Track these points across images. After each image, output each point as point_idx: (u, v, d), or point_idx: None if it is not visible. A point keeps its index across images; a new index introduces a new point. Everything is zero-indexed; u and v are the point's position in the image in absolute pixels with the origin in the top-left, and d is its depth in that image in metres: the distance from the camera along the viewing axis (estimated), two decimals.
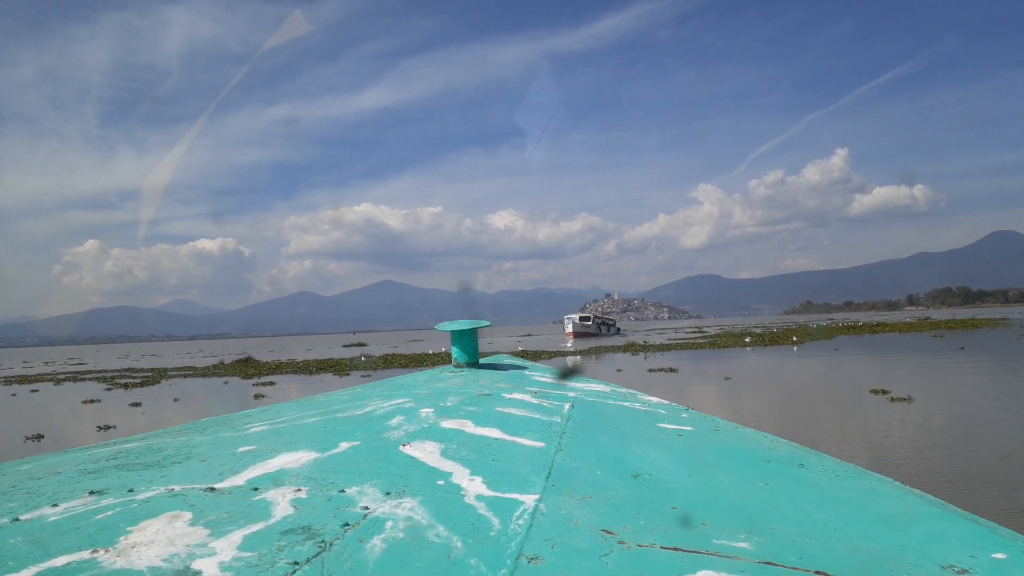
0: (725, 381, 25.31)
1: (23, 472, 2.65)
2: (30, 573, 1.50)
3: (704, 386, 24.64)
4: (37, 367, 65.69)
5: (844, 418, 16.26)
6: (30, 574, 1.49)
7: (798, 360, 36.27)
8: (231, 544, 1.68)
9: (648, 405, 4.67)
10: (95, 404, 26.48)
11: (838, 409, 17.84)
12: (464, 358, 6.20)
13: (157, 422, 19.22)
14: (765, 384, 25.30)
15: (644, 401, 4.90)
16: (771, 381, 26.47)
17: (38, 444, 17.36)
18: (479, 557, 1.67)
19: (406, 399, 4.12)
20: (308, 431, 3.25)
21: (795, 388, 23.64)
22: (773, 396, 21.46)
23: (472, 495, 2.16)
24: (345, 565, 1.58)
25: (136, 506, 1.98)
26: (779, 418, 16.73)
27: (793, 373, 29.84)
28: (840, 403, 18.94)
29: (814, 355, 38.43)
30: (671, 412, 4.41)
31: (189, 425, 3.92)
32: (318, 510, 1.95)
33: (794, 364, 34.31)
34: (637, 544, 1.83)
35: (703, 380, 27.02)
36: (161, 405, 25.35)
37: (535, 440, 3.06)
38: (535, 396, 4.47)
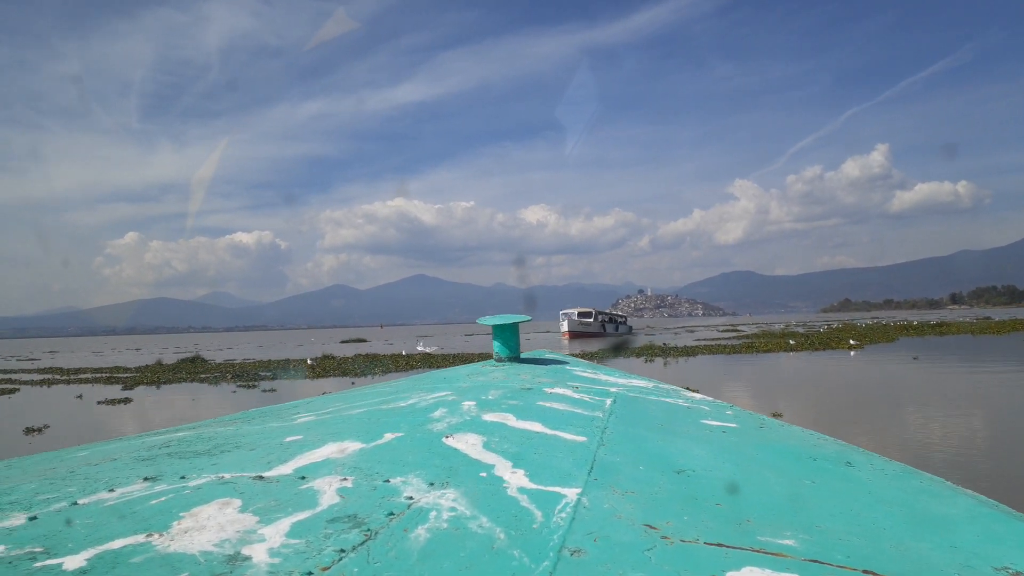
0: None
1: (80, 458, 2.74)
2: (89, 555, 1.55)
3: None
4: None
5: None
6: (89, 556, 1.54)
7: (868, 370, 28.59)
8: (279, 531, 1.72)
9: (691, 401, 4.65)
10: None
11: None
12: (505, 352, 6.23)
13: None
14: (852, 429, 14.21)
15: (687, 397, 4.87)
16: (858, 420, 15.69)
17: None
18: (522, 548, 1.68)
19: (448, 392, 4.16)
20: (353, 422, 3.30)
21: (919, 443, 12.91)
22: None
23: (514, 487, 2.18)
24: (390, 554, 1.60)
25: (188, 492, 2.04)
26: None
27: (883, 398, 19.94)
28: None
29: (886, 363, 30.84)
30: (715, 409, 4.38)
31: (238, 415, 4.02)
32: (364, 499, 1.99)
33: (869, 378, 25.81)
34: (680, 539, 1.82)
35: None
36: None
37: (577, 434, 3.07)
38: (576, 391, 4.48)
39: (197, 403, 23.34)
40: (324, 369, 33.12)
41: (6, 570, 1.45)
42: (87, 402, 24.78)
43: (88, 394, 27.09)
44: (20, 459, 2.94)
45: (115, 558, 1.53)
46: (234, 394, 25.19)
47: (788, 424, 4.08)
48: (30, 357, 67.45)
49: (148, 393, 26.89)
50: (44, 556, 1.53)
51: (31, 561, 1.51)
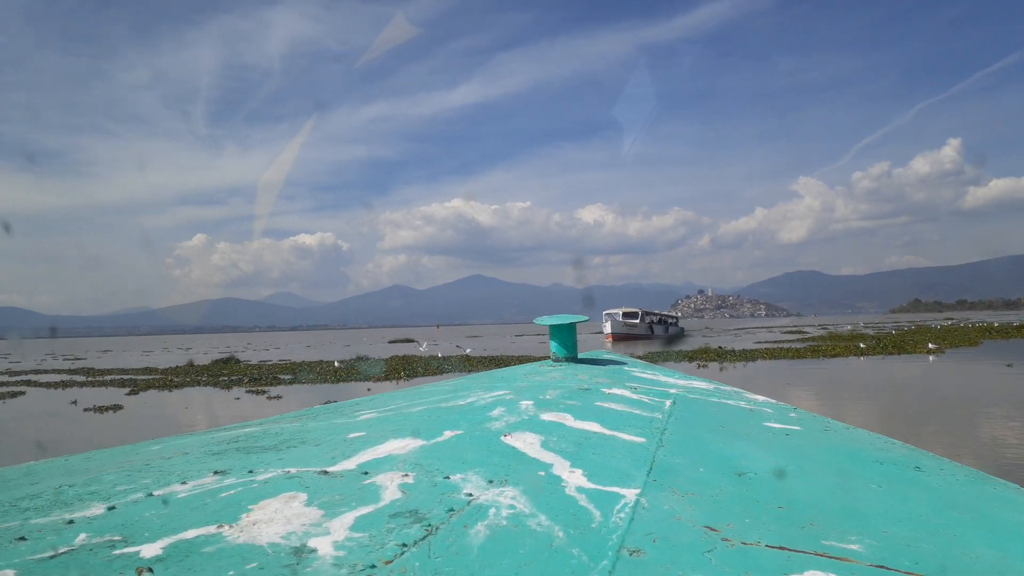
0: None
1: (154, 452, 2.88)
2: (164, 544, 1.62)
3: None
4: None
5: None
6: (164, 545, 1.61)
7: (954, 378, 25.19)
8: (343, 525, 1.77)
9: (754, 404, 4.58)
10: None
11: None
12: (563, 352, 6.26)
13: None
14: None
15: (749, 399, 4.80)
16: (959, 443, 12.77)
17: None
18: (581, 547, 1.69)
19: (506, 391, 4.20)
20: (414, 419, 3.37)
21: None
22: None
23: (573, 487, 2.19)
24: (451, 549, 1.63)
25: (256, 486, 2.11)
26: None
27: (980, 414, 16.47)
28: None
29: (974, 370, 27.26)
30: (778, 411, 4.31)
31: (303, 412, 4.16)
32: (424, 495, 2.03)
33: (957, 388, 22.28)
34: (742, 542, 1.80)
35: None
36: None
37: (636, 435, 3.07)
38: (635, 392, 4.46)
39: (190, 411, 21.72)
40: (348, 373, 31.04)
41: (88, 556, 1.53)
42: (74, 409, 22.47)
43: (88, 398, 24.86)
44: (99, 451, 3.10)
45: (188, 548, 1.60)
46: (237, 401, 22.92)
47: (854, 427, 3.98)
48: (76, 357, 63.67)
49: (148, 399, 24.90)
50: (122, 544, 1.61)
51: (111, 549, 1.58)
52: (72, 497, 2.03)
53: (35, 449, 16.20)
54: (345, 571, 1.48)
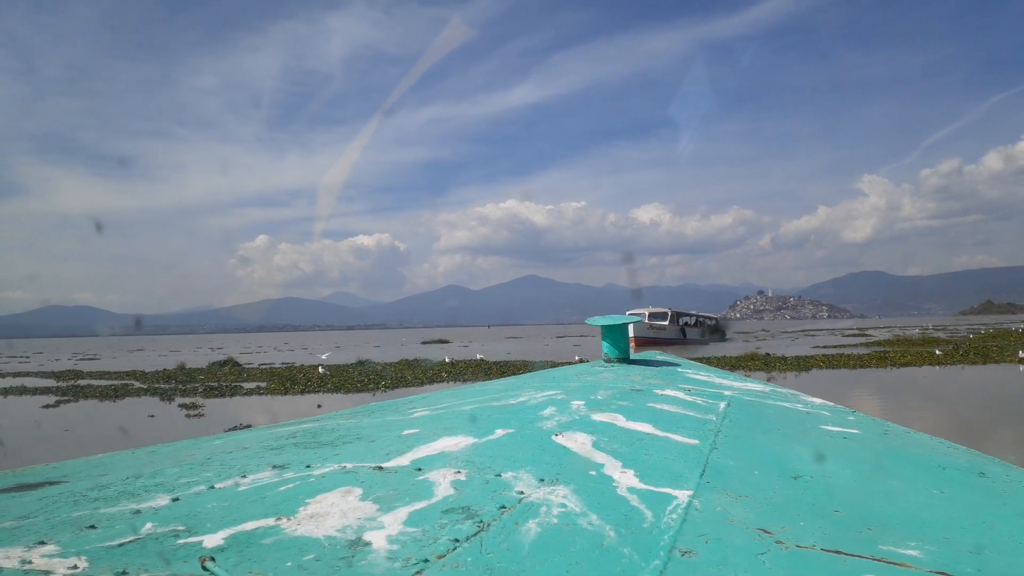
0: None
1: (216, 446, 3.00)
2: (225, 535, 1.69)
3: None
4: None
5: None
6: (225, 535, 1.68)
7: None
8: (397, 519, 1.81)
9: (811, 406, 4.50)
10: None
11: None
12: (615, 353, 6.24)
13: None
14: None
15: (806, 402, 4.71)
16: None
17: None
18: (632, 547, 1.70)
19: (558, 391, 4.21)
20: (466, 417, 3.43)
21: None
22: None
23: (624, 487, 2.20)
24: (502, 545, 1.65)
25: (313, 480, 2.18)
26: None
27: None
28: None
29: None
30: (836, 414, 4.22)
31: (359, 408, 4.27)
32: (476, 492, 2.06)
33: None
34: (796, 545, 1.78)
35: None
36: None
37: (688, 437, 3.05)
38: (688, 393, 4.42)
39: (69, 435, 16.29)
40: (338, 379, 25.87)
41: (154, 545, 1.60)
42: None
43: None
44: (164, 445, 3.24)
45: (248, 539, 1.66)
46: (149, 420, 18.57)
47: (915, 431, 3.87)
48: (91, 357, 58.21)
49: (49, 415, 20.20)
50: (186, 534, 1.68)
51: (175, 538, 1.65)
52: (139, 488, 2.13)
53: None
54: (399, 565, 1.51)
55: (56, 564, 1.47)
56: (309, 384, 24.97)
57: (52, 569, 1.44)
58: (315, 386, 24.35)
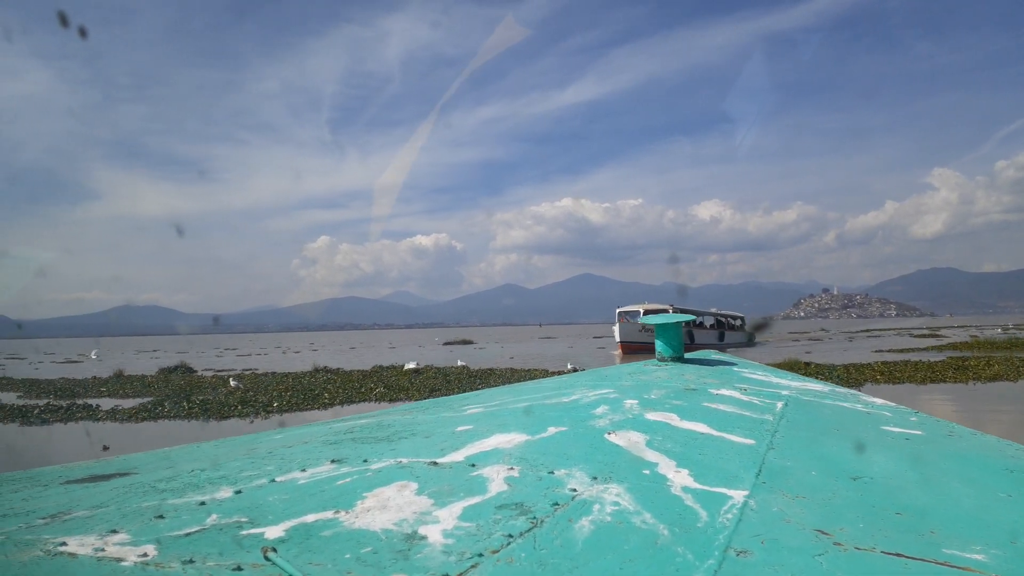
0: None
1: (276, 441, 3.09)
2: (286, 526, 1.74)
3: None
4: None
5: None
6: (286, 527, 1.74)
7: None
8: (452, 514, 1.84)
9: (871, 407, 4.39)
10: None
11: None
12: (669, 352, 6.21)
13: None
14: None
15: (867, 402, 4.60)
16: None
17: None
18: (686, 546, 1.69)
19: (611, 390, 4.21)
20: (519, 415, 3.46)
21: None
22: None
23: (678, 486, 2.19)
24: (555, 542, 1.66)
25: (370, 475, 2.24)
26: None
27: None
28: None
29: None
30: (898, 415, 4.11)
31: (413, 405, 4.35)
32: (529, 489, 2.08)
33: None
34: (855, 547, 1.76)
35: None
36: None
37: (744, 437, 3.03)
38: (744, 393, 4.37)
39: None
40: (234, 398, 19.37)
41: (218, 535, 1.66)
42: None
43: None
44: (227, 440, 3.36)
45: (308, 531, 1.71)
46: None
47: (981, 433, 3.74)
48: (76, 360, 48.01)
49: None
50: (249, 525, 1.74)
51: (238, 529, 1.71)
52: (203, 481, 2.21)
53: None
54: (454, 559, 1.54)
55: (127, 552, 1.54)
56: (182, 409, 17.80)
57: (124, 557, 1.51)
58: (182, 410, 17.75)
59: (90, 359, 47.35)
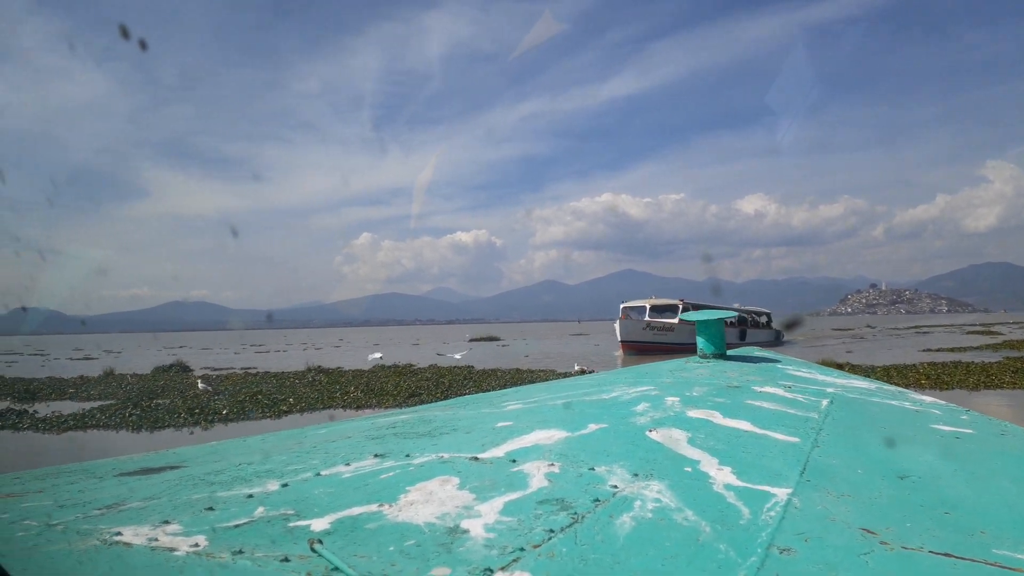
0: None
1: (321, 435, 3.15)
2: (331, 519, 1.78)
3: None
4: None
5: None
6: (331, 520, 1.77)
7: None
8: (493, 509, 1.86)
9: (920, 405, 4.29)
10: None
11: None
12: (710, 349, 6.15)
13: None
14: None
15: (915, 400, 4.50)
16: None
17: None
18: (728, 543, 1.68)
19: (651, 387, 4.19)
20: (559, 411, 3.48)
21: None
22: None
23: (720, 484, 2.18)
24: (596, 538, 1.67)
25: (412, 469, 2.27)
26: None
27: None
28: None
29: None
30: (947, 413, 4.01)
31: (453, 401, 4.39)
32: (570, 485, 2.09)
33: None
34: (902, 546, 1.73)
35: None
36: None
37: (788, 435, 2.99)
38: (789, 390, 4.31)
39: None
40: (213, 397, 18.56)
41: (266, 527, 1.71)
42: None
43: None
44: (273, 434, 3.44)
45: (353, 523, 1.75)
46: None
47: None
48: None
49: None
50: (295, 518, 1.78)
51: (285, 521, 1.75)
52: (251, 474, 2.26)
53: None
54: (496, 552, 1.56)
55: (179, 542, 1.59)
56: (120, 417, 15.99)
57: (176, 547, 1.56)
58: (121, 418, 15.92)
59: (105, 356, 45.29)
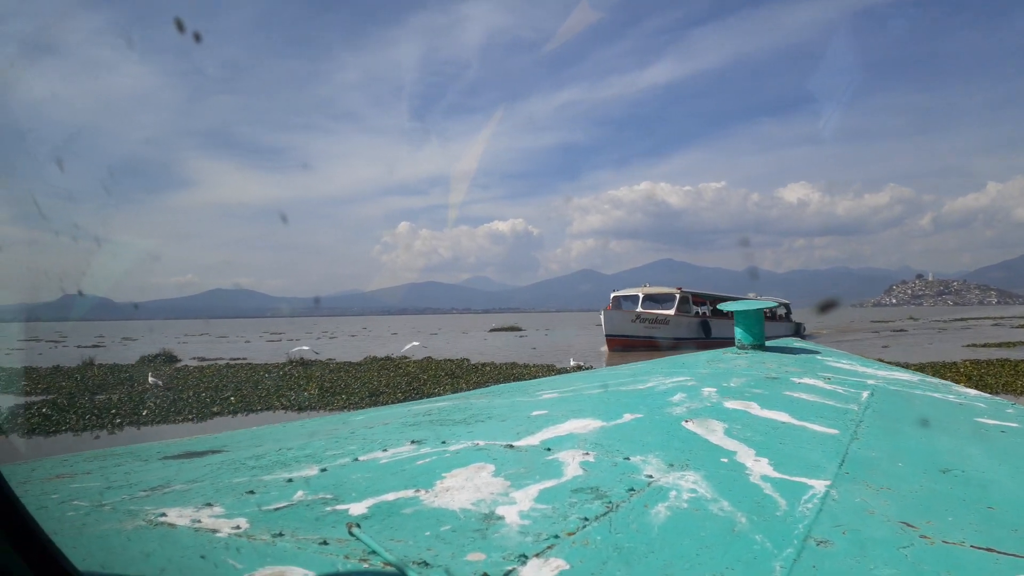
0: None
1: (359, 422, 3.21)
2: (369, 503, 1.81)
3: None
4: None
5: None
6: (368, 504, 1.81)
7: None
8: (528, 496, 1.88)
9: (964, 398, 4.20)
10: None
11: None
12: (748, 340, 6.09)
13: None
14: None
15: (959, 393, 4.40)
16: None
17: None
18: (764, 534, 1.68)
19: (688, 377, 4.17)
20: (594, 401, 3.48)
21: None
22: None
23: (757, 475, 2.17)
24: (631, 526, 1.68)
25: (448, 456, 2.29)
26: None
27: None
28: None
29: None
30: (993, 407, 3.93)
31: (489, 389, 4.42)
32: (605, 473, 2.09)
33: None
34: (942, 540, 1.71)
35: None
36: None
37: (827, 427, 2.97)
38: (828, 382, 4.26)
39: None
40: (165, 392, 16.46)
41: (305, 511, 1.74)
42: None
43: None
44: (312, 420, 3.50)
45: (390, 508, 1.78)
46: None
47: None
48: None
49: None
50: (334, 502, 1.82)
51: (324, 505, 1.79)
52: (290, 459, 2.31)
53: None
54: (531, 539, 1.57)
55: (221, 524, 1.63)
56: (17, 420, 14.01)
57: (218, 528, 1.60)
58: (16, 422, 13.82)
59: (114, 343, 43.06)
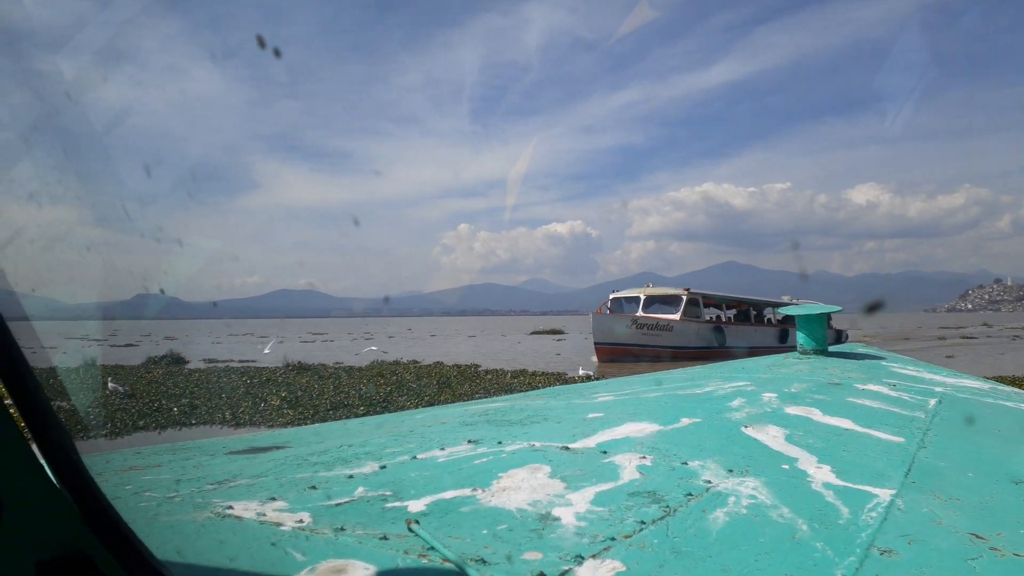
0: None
1: (417, 421, 3.26)
2: (427, 501, 1.84)
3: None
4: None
5: None
6: (427, 502, 1.84)
7: None
8: (584, 498, 1.88)
9: None
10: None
11: None
12: (811, 344, 5.96)
13: None
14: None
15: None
16: None
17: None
18: (826, 542, 1.65)
19: (747, 383, 4.11)
20: (651, 404, 3.44)
21: None
22: None
23: (819, 482, 2.13)
24: (688, 531, 1.67)
25: (505, 456, 2.32)
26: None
27: None
28: None
29: None
30: None
31: (545, 391, 4.43)
32: (662, 478, 2.08)
33: None
34: (1013, 553, 1.65)
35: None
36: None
37: (893, 434, 2.89)
38: (893, 388, 4.13)
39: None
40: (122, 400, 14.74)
41: (366, 507, 1.78)
42: None
43: None
44: (372, 418, 3.57)
45: (447, 506, 1.80)
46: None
47: None
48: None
49: None
50: (393, 499, 1.86)
51: (383, 502, 1.83)
52: (351, 456, 2.37)
53: None
54: (587, 540, 1.58)
55: (285, 518, 1.68)
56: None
57: (282, 522, 1.65)
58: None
59: (148, 343, 40.70)
